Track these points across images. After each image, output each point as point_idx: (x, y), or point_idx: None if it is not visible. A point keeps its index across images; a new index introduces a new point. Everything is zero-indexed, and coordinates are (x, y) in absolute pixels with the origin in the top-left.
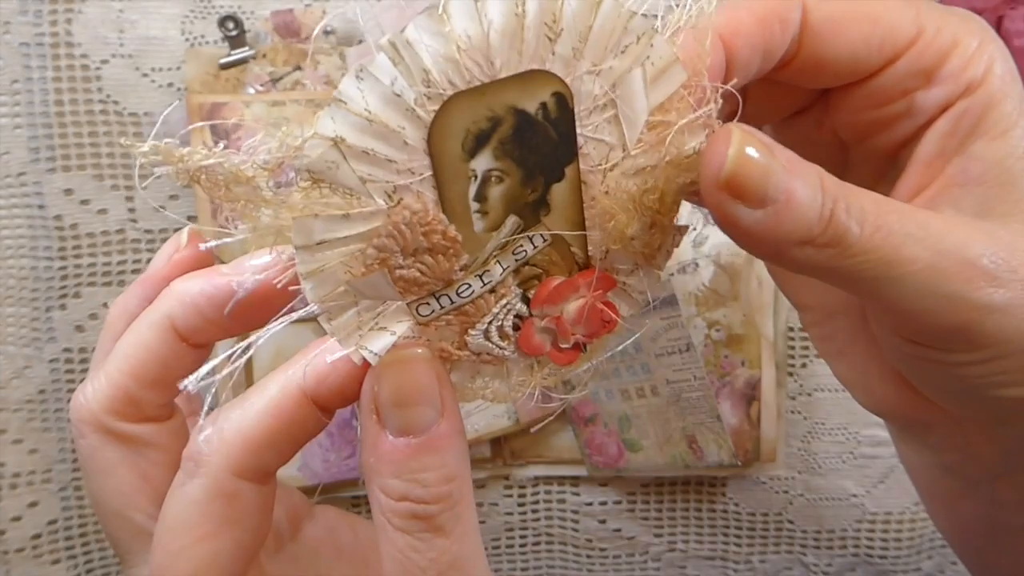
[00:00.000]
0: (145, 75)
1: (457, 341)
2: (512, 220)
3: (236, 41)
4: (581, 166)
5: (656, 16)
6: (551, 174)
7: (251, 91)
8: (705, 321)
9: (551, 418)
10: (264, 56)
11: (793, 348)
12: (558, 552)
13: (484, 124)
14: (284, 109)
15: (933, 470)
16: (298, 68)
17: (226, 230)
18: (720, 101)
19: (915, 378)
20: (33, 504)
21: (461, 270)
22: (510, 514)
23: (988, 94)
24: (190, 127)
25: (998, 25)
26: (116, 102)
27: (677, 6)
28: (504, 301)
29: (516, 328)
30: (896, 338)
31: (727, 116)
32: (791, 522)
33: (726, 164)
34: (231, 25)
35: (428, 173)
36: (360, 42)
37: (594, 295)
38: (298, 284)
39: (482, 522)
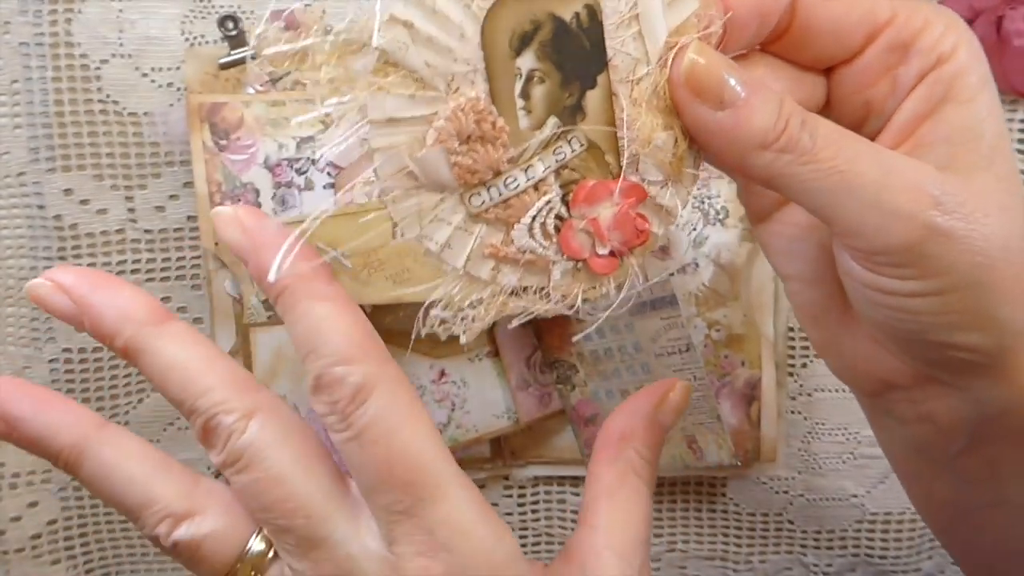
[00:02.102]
0: (145, 75)
1: (504, 238)
2: (553, 121)
3: (236, 41)
4: (611, 77)
5: None
6: (585, 80)
7: (251, 91)
8: (705, 321)
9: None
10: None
11: (793, 348)
12: (558, 552)
13: (527, 26)
14: (284, 109)
15: (907, 451)
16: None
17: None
18: (722, 28)
19: (877, 325)
20: (33, 504)
21: (508, 162)
22: (510, 514)
23: (956, 66)
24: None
25: (998, 25)
26: (116, 102)
27: None
28: (546, 198)
29: (558, 230)
30: (857, 269)
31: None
32: (791, 522)
33: (685, 63)
34: (231, 25)
35: (481, 65)
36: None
37: (628, 203)
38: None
39: None
